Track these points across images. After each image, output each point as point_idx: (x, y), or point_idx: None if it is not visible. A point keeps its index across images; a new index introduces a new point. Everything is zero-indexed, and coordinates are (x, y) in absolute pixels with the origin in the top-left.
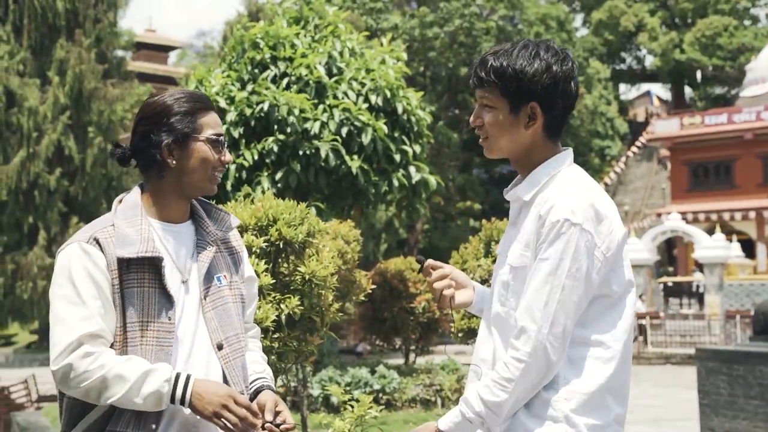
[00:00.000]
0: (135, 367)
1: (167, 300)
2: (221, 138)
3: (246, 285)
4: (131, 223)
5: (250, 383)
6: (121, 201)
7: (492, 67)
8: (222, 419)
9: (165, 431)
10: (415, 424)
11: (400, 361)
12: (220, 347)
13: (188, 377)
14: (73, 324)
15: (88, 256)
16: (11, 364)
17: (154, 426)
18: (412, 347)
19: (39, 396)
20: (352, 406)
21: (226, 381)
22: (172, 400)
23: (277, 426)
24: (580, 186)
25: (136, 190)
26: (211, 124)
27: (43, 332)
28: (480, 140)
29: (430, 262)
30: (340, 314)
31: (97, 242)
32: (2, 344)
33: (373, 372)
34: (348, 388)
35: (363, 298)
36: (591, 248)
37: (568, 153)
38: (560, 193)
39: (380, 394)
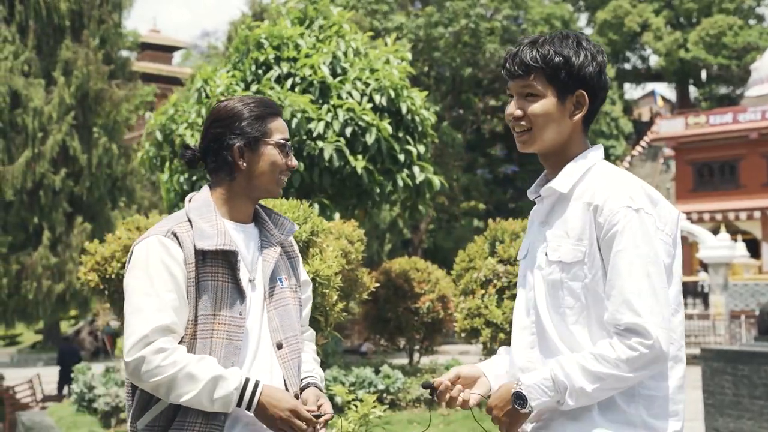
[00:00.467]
0: (206, 370)
1: (239, 295)
2: (288, 143)
3: (302, 288)
4: (206, 218)
5: (300, 380)
6: (191, 200)
7: (539, 53)
8: (282, 430)
9: (231, 426)
10: (419, 425)
11: (405, 361)
12: (279, 347)
13: (257, 384)
14: (147, 316)
15: (166, 249)
16: (16, 363)
17: (223, 417)
18: (417, 347)
19: (44, 396)
20: (356, 406)
21: (284, 380)
22: (239, 404)
23: (317, 417)
24: (623, 175)
25: (205, 190)
26: (279, 129)
27: (48, 332)
28: (517, 134)
29: (437, 384)
30: (344, 314)
31: (175, 236)
32: (7, 344)
33: (377, 372)
34: (352, 388)
35: (367, 297)
36: (656, 231)
37: (601, 147)
38: (608, 181)
39: (384, 394)
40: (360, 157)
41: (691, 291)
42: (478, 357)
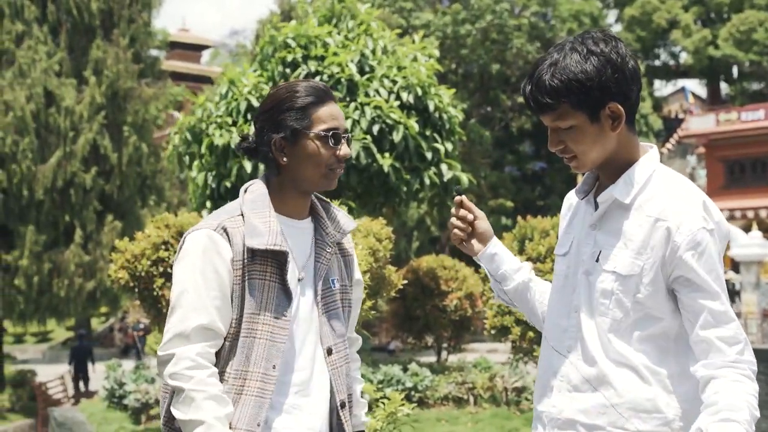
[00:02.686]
0: (207, 409)
1: (286, 296)
2: (337, 132)
3: (353, 288)
4: (259, 214)
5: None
6: (246, 191)
7: (553, 88)
8: None
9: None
10: (447, 422)
11: (433, 358)
12: (329, 352)
13: None
14: (187, 313)
15: (214, 245)
16: (48, 360)
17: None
18: (445, 345)
19: (76, 391)
20: (384, 404)
21: (331, 387)
22: None
23: None
24: (683, 184)
25: (261, 182)
26: (324, 118)
27: (79, 329)
28: (566, 160)
29: (463, 198)
30: (372, 312)
31: (225, 231)
32: (39, 341)
33: (405, 370)
34: (380, 386)
35: (395, 295)
36: (719, 251)
37: (656, 150)
38: (677, 197)
39: (412, 392)
40: (387, 155)
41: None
42: (506, 356)
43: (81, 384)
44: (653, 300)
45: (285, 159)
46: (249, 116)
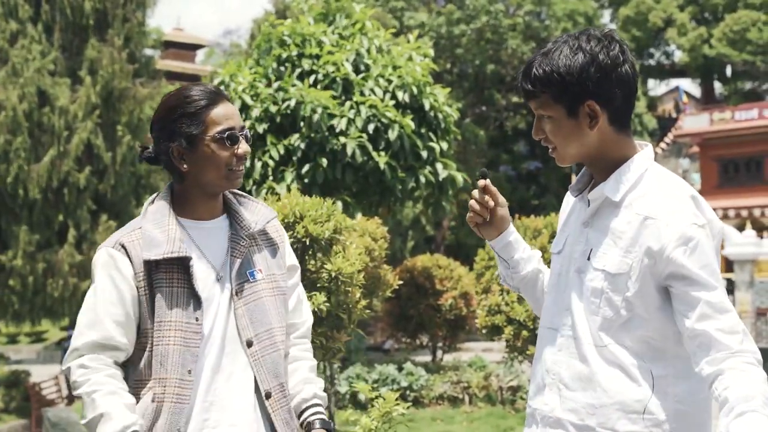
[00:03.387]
0: (104, 403)
1: (196, 300)
2: (233, 131)
3: (288, 273)
4: (159, 224)
5: (301, 413)
6: (152, 202)
7: (537, 77)
8: None
9: None
10: (443, 422)
11: (428, 358)
12: (249, 344)
13: None
14: (81, 330)
15: (113, 261)
16: (42, 360)
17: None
18: (440, 344)
19: (70, 392)
20: (379, 404)
21: (255, 380)
22: None
23: None
24: (675, 182)
25: (167, 190)
26: (218, 120)
27: (71, 329)
28: (549, 151)
29: (487, 183)
30: (367, 311)
31: (123, 247)
32: (33, 341)
33: (400, 369)
34: (375, 385)
35: (390, 295)
36: (714, 246)
37: (651, 149)
38: (667, 195)
39: (407, 392)
40: (383, 153)
41: None
42: (501, 355)
43: None
44: (641, 299)
45: (185, 166)
46: (243, 115)
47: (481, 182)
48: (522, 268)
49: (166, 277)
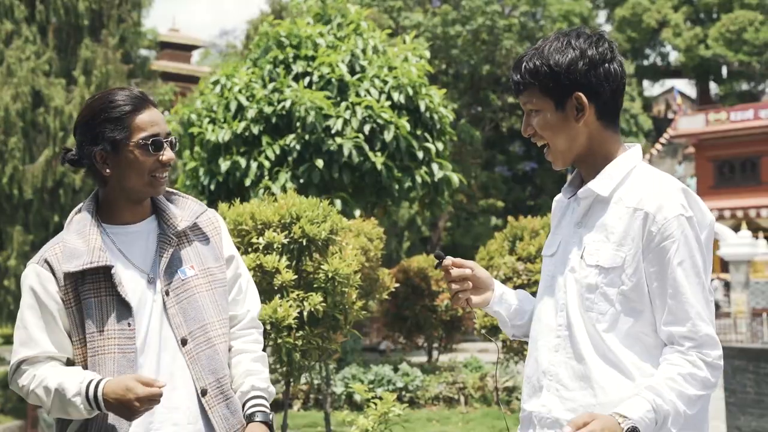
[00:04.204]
0: (54, 381)
1: (125, 307)
2: (158, 138)
3: (226, 266)
4: (81, 234)
5: (244, 404)
6: (79, 211)
7: (527, 70)
8: (137, 412)
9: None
10: (438, 422)
11: (423, 358)
12: (184, 342)
13: (97, 383)
14: (17, 348)
15: (38, 278)
16: None
17: None
18: (435, 345)
19: None
20: (376, 404)
21: (192, 378)
22: (92, 407)
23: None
24: (666, 179)
25: (93, 197)
26: (143, 126)
27: None
28: (545, 152)
29: (450, 260)
30: (363, 312)
31: (47, 262)
32: None
33: (396, 370)
34: (371, 386)
35: (386, 296)
36: (703, 238)
37: (639, 147)
38: (655, 187)
39: (403, 392)
40: (379, 154)
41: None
42: (497, 355)
43: None
44: (636, 291)
45: (108, 170)
46: (239, 116)
47: (446, 264)
48: (524, 313)
49: (93, 288)
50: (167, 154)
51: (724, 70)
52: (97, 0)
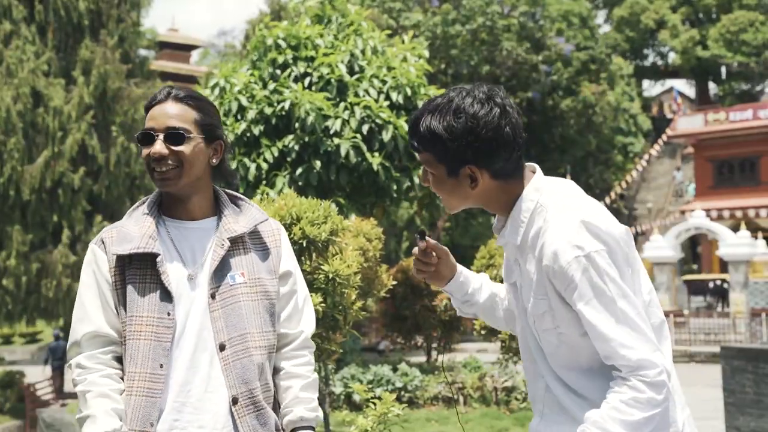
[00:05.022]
0: (93, 404)
1: (167, 296)
2: (147, 131)
3: (280, 281)
4: (138, 221)
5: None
6: (144, 201)
7: (421, 136)
8: None
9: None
10: (437, 422)
11: (422, 359)
12: (222, 348)
13: None
14: (74, 325)
15: (94, 257)
16: (36, 361)
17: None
18: (434, 345)
19: (64, 393)
20: (375, 404)
21: (226, 385)
22: None
23: None
24: (562, 208)
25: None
26: (146, 120)
27: (68, 330)
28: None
29: (427, 243)
30: (362, 312)
31: (103, 243)
32: (28, 341)
33: (395, 370)
34: (370, 386)
35: (384, 295)
36: (610, 262)
37: (535, 179)
38: (551, 231)
39: (402, 392)
40: (377, 154)
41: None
42: (496, 355)
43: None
44: (572, 328)
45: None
46: (239, 116)
47: (422, 244)
48: (478, 298)
49: (139, 273)
50: (154, 148)
51: (723, 71)
52: (96, 0)
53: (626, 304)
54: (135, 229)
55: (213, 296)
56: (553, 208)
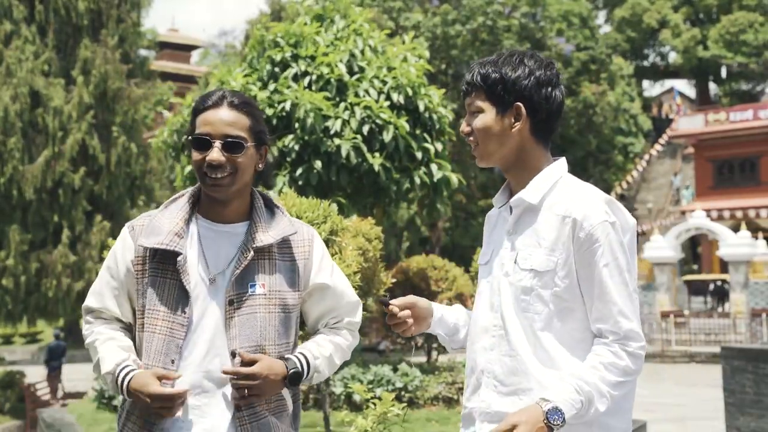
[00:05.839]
0: (100, 349)
1: (185, 295)
2: (202, 137)
3: (314, 296)
4: (171, 216)
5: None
6: (182, 195)
7: (479, 74)
8: (151, 409)
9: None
10: (437, 422)
11: (423, 359)
12: (233, 355)
13: (127, 373)
14: (90, 293)
15: (123, 241)
16: (37, 361)
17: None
18: (434, 345)
19: (64, 393)
20: (375, 404)
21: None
22: (120, 392)
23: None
24: (590, 188)
25: (197, 186)
26: (199, 124)
27: (69, 330)
28: (472, 150)
29: (392, 305)
30: (363, 312)
31: (133, 229)
32: (28, 342)
33: (395, 370)
34: (370, 386)
35: (384, 294)
36: (627, 241)
37: (564, 161)
38: (581, 195)
39: (402, 392)
40: (377, 154)
41: (701, 290)
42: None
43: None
44: (569, 292)
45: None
46: None
47: (389, 309)
48: (461, 331)
49: (161, 267)
50: (211, 155)
51: (724, 71)
52: (96, 0)
53: (630, 279)
54: (166, 223)
55: (231, 302)
56: (578, 184)
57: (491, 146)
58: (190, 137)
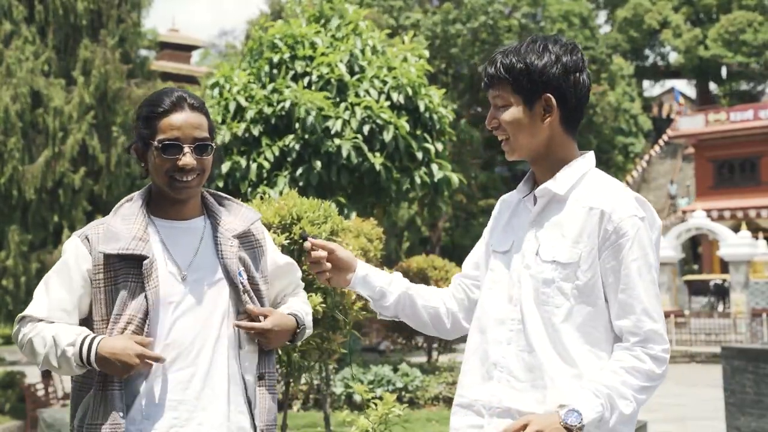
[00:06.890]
0: (53, 329)
1: (153, 298)
2: (174, 142)
3: (278, 275)
4: (127, 220)
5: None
6: (130, 199)
7: (502, 65)
8: (129, 370)
9: (140, 420)
10: (438, 423)
11: (423, 359)
12: (241, 346)
13: (93, 338)
14: (29, 307)
15: (75, 251)
16: None
17: (121, 414)
18: (435, 345)
19: (65, 393)
20: (376, 405)
21: (229, 379)
22: (83, 361)
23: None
24: (616, 182)
25: (146, 188)
26: (165, 128)
27: None
28: (502, 144)
29: (311, 242)
30: (363, 312)
31: (87, 239)
32: None
33: (395, 370)
34: (371, 386)
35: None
36: (653, 239)
37: (593, 154)
38: (610, 189)
39: (403, 393)
40: (378, 154)
41: (702, 290)
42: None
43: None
44: (591, 286)
45: (143, 165)
46: (238, 116)
47: (307, 245)
48: (390, 295)
49: (126, 272)
50: (184, 159)
51: (724, 71)
52: (96, 0)
53: (656, 278)
54: (123, 228)
55: (232, 295)
56: (607, 179)
57: (523, 140)
58: (157, 143)
